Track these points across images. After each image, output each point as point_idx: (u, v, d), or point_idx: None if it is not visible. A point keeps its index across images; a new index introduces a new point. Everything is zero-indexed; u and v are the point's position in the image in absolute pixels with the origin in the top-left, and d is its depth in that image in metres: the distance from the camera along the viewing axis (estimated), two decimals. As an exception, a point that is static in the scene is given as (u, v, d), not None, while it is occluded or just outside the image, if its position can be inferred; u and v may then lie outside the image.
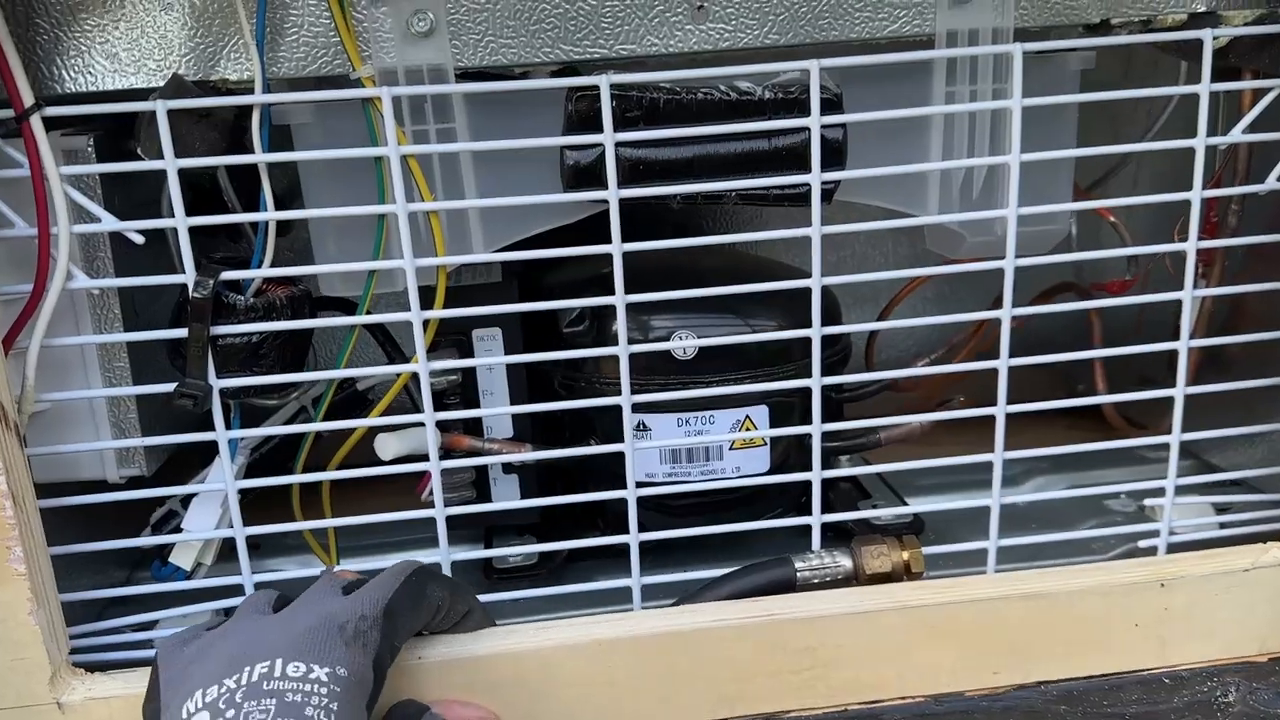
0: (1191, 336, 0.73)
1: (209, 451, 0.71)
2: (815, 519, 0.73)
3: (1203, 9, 0.69)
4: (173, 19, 0.63)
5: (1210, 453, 0.92)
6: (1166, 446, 0.74)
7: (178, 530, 0.73)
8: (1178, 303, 0.72)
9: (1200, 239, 0.71)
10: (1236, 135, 0.70)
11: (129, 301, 0.69)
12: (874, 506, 0.85)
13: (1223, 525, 0.80)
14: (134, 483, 0.72)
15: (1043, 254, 0.72)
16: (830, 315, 0.75)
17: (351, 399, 0.77)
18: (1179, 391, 0.73)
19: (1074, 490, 0.82)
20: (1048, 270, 0.83)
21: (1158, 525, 0.76)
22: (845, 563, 0.72)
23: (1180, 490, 0.76)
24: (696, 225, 0.99)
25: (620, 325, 0.67)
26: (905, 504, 0.85)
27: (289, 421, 0.77)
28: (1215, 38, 0.67)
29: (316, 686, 0.53)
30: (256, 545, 0.81)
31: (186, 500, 0.74)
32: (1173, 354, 0.73)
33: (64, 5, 0.63)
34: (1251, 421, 0.79)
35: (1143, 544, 0.77)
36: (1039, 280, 0.88)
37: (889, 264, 1.01)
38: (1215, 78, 0.68)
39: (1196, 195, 0.69)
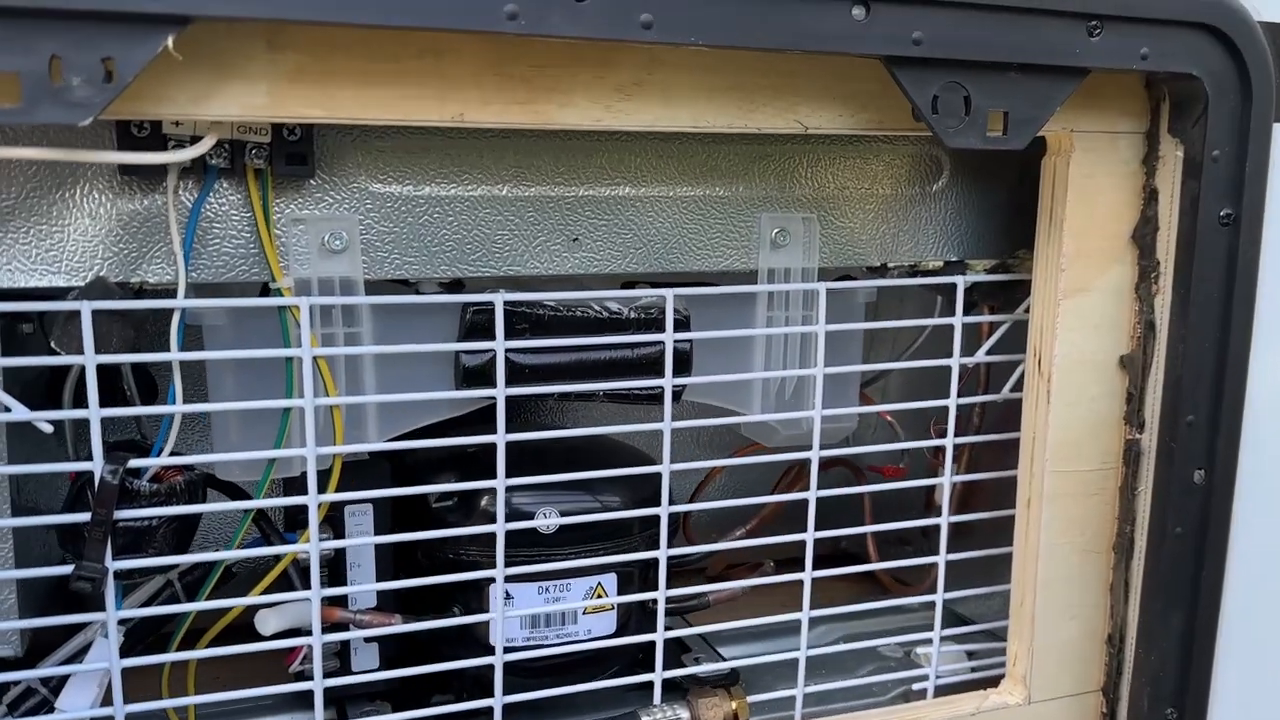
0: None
1: (69, 627, 0.73)
2: (658, 675, 0.83)
3: (954, 259, 0.90)
4: (98, 225, 0.68)
5: (959, 605, 1.10)
6: (926, 601, 0.90)
7: (38, 709, 0.73)
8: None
9: (934, 434, 0.89)
10: (980, 356, 0.90)
11: (15, 487, 0.71)
12: (695, 661, 0.96)
13: (973, 669, 0.97)
14: (2, 665, 0.71)
15: (834, 444, 0.88)
16: (659, 488, 0.88)
17: (225, 574, 0.80)
18: (941, 559, 0.90)
19: (861, 643, 0.98)
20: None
21: (927, 670, 0.92)
22: (684, 715, 0.82)
23: (942, 640, 0.92)
24: (558, 416, 1.08)
25: (499, 506, 0.76)
26: (723, 659, 0.97)
27: (154, 597, 0.79)
28: (958, 284, 0.87)
29: None
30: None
31: (47, 679, 0.74)
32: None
33: (-14, 206, 0.66)
34: (990, 581, 0.97)
35: (915, 687, 0.92)
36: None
37: (698, 446, 1.14)
38: (962, 312, 0.87)
39: (953, 402, 0.87)
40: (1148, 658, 0.82)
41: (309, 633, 0.74)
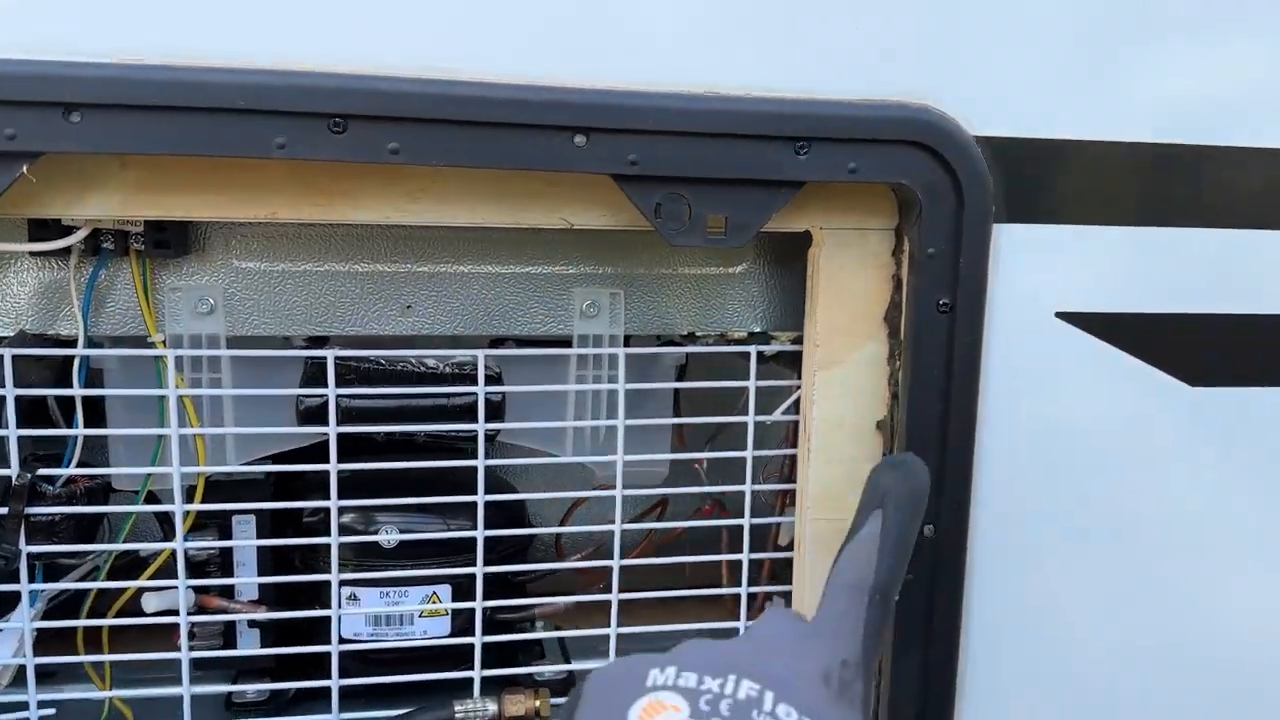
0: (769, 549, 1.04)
1: (7, 597, 0.95)
2: (476, 674, 0.99)
3: (758, 329, 1.03)
4: (24, 289, 0.90)
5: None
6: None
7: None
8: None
9: (766, 482, 1.02)
10: (777, 416, 1.02)
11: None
12: (543, 665, 1.11)
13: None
14: (-54, 622, 0.94)
15: (653, 486, 1.03)
16: (512, 515, 1.04)
17: (135, 560, 1.01)
18: (743, 591, 1.02)
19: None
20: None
21: (735, 689, 1.04)
22: (492, 707, 0.98)
23: (752, 663, 1.04)
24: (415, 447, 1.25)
25: (333, 524, 0.94)
26: (568, 663, 1.12)
27: (87, 574, 1.00)
28: (760, 351, 0.99)
29: None
30: (52, 674, 1.02)
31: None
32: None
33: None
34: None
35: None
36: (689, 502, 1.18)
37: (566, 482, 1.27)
38: (776, 375, 1.00)
39: (749, 454, 1.00)
40: (891, 693, 0.93)
41: (191, 613, 0.94)
